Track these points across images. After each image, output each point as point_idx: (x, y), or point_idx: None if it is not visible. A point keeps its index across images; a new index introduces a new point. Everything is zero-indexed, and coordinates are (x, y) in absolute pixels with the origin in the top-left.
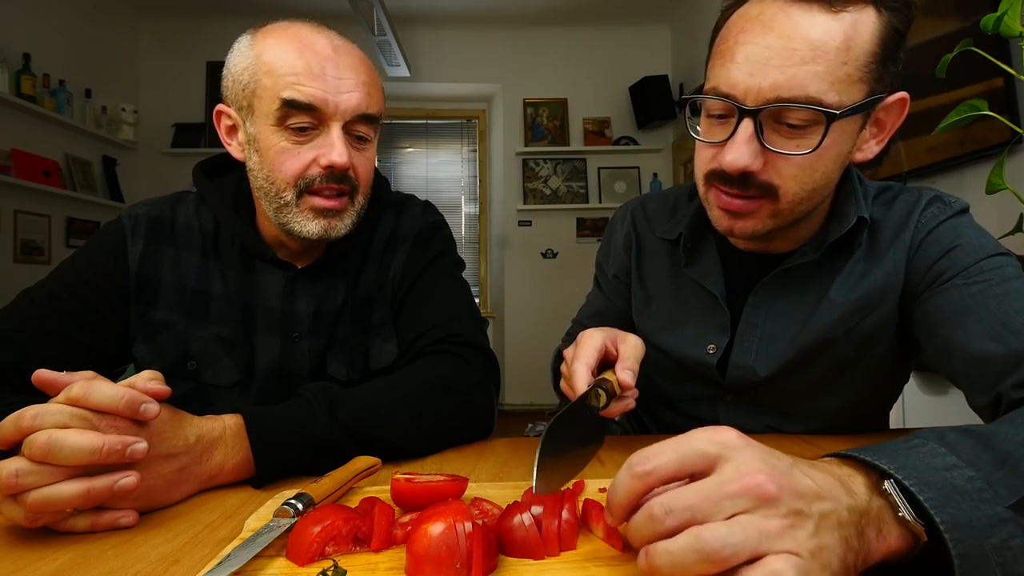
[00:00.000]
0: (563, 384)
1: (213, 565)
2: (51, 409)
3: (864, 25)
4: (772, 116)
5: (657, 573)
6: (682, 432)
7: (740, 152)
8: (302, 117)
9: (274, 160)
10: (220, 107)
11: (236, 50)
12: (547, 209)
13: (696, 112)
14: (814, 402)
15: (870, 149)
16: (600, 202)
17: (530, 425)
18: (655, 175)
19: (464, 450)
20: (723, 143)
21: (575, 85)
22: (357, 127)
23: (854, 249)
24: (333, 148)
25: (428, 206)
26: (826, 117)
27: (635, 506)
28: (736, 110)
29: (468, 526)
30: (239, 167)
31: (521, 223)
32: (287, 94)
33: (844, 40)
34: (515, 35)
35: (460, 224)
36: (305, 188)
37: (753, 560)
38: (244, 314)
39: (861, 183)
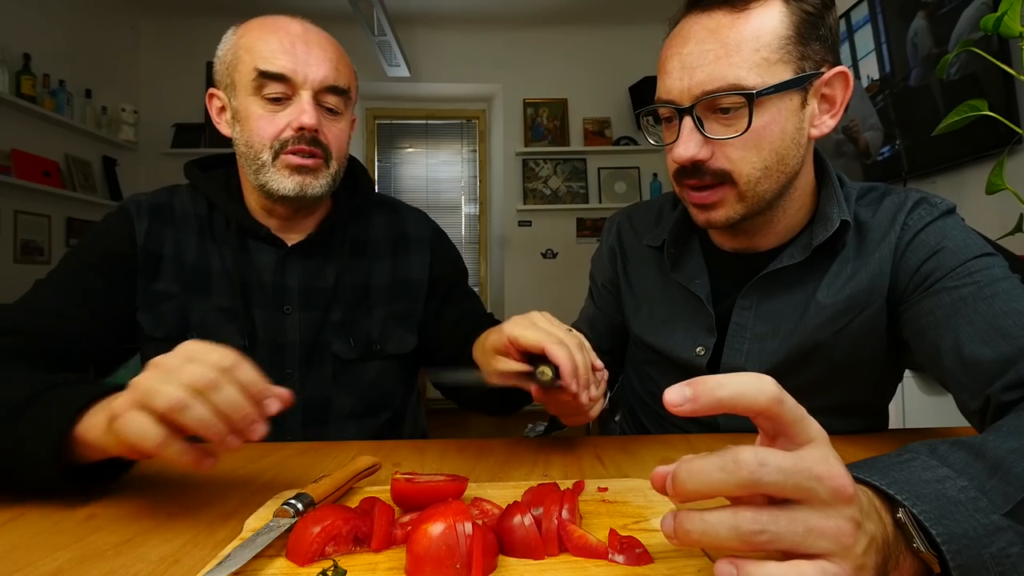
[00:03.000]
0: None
1: (213, 565)
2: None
3: (770, 16)
4: (707, 108)
5: (683, 538)
6: (681, 432)
7: (686, 144)
8: (275, 86)
9: (253, 127)
10: (211, 90)
11: (223, 40)
12: (547, 209)
13: (659, 121)
14: (809, 402)
15: (825, 124)
16: (600, 202)
17: (530, 425)
18: (655, 175)
19: (464, 450)
20: (675, 142)
21: (575, 85)
22: (326, 98)
23: (838, 251)
24: (304, 112)
25: (423, 212)
26: (747, 98)
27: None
28: (676, 111)
29: (468, 526)
30: (227, 164)
31: (521, 223)
32: (261, 65)
33: (752, 32)
34: (515, 35)
35: (460, 224)
36: (280, 149)
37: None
38: (242, 288)
39: (843, 185)
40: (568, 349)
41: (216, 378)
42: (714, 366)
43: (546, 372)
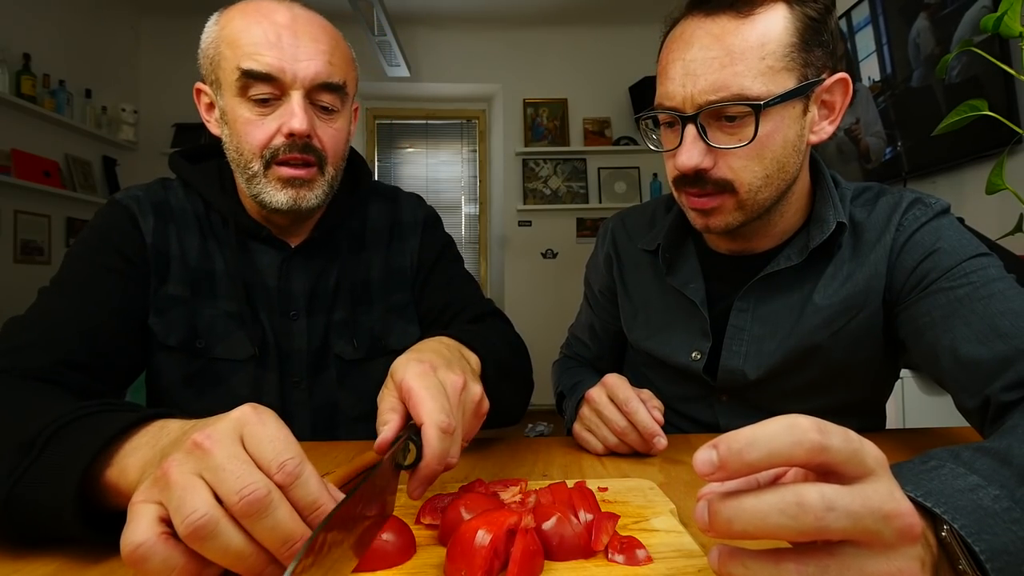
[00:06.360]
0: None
1: None
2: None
3: (775, 22)
4: (711, 117)
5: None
6: (680, 433)
7: (689, 153)
8: (262, 87)
9: (241, 131)
10: (198, 84)
11: (206, 29)
12: (547, 209)
13: (658, 125)
14: (808, 402)
15: (824, 130)
16: (600, 202)
17: (530, 425)
18: (655, 175)
19: (464, 450)
20: (677, 149)
21: (575, 85)
22: (320, 96)
23: (834, 252)
24: (293, 116)
25: (420, 198)
26: (754, 108)
27: (758, 467)
28: (679, 118)
29: (508, 530)
30: (216, 156)
31: (521, 223)
32: (245, 64)
33: (757, 39)
34: (515, 35)
35: (460, 224)
36: (271, 158)
37: None
38: (247, 291)
39: (838, 186)
40: (444, 436)
41: (268, 496)
42: (713, 368)
43: (412, 452)
